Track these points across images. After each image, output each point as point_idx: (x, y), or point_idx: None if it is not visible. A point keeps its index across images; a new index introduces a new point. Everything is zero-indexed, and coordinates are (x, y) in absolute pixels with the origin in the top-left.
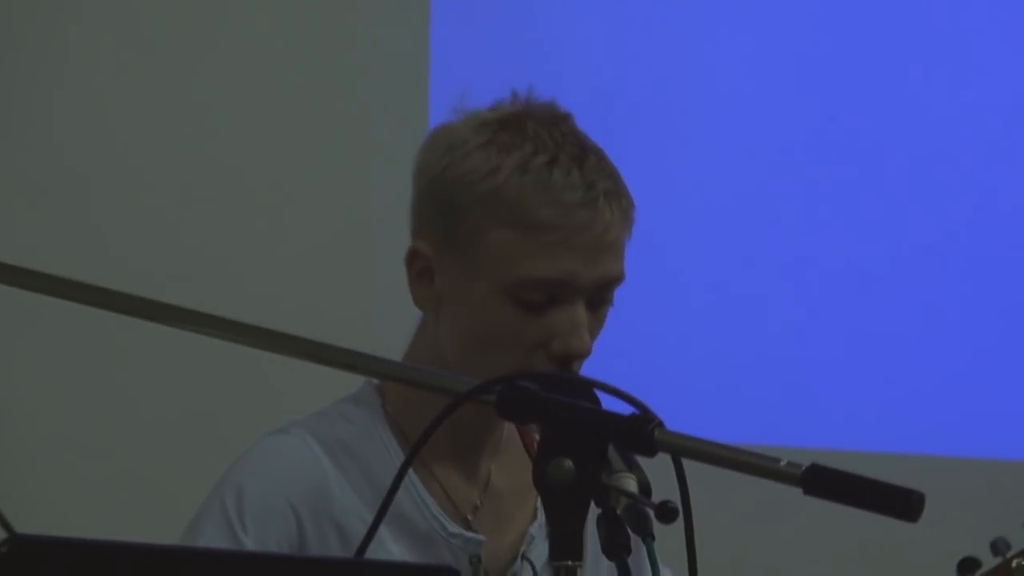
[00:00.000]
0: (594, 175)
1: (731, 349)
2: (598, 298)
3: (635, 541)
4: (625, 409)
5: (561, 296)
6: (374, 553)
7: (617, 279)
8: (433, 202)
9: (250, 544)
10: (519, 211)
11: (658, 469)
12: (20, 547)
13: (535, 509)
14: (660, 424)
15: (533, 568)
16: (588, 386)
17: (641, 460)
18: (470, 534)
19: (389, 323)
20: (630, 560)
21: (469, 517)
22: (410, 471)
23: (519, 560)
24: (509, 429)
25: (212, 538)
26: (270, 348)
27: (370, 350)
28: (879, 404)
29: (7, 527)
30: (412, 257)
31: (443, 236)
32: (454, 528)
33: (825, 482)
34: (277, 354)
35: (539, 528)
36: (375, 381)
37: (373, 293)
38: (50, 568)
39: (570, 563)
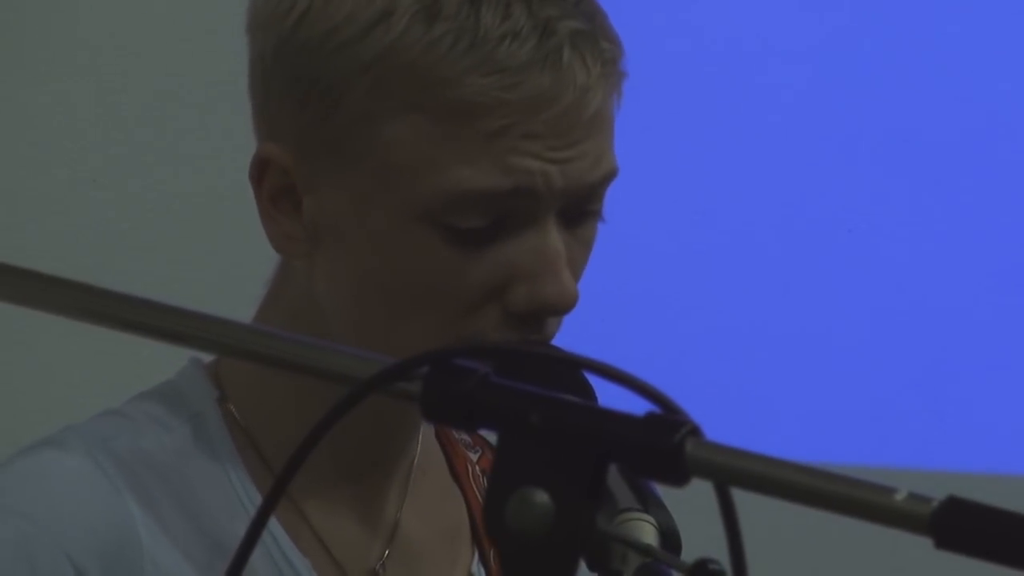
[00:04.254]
0: (552, 8)
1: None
2: (578, 210)
3: None
4: (638, 407)
5: (517, 215)
6: None
7: (607, 177)
8: (287, 78)
9: None
10: (431, 85)
11: (690, 504)
12: None
13: (470, 574)
14: (695, 431)
15: None
16: (576, 366)
17: (664, 491)
18: None
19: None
20: None
21: None
22: (271, 518)
23: None
24: (427, 443)
25: None
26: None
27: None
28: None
29: None
30: (260, 171)
31: (310, 133)
32: None
33: (975, 528)
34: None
35: None
36: (205, 362)
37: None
38: None
39: None
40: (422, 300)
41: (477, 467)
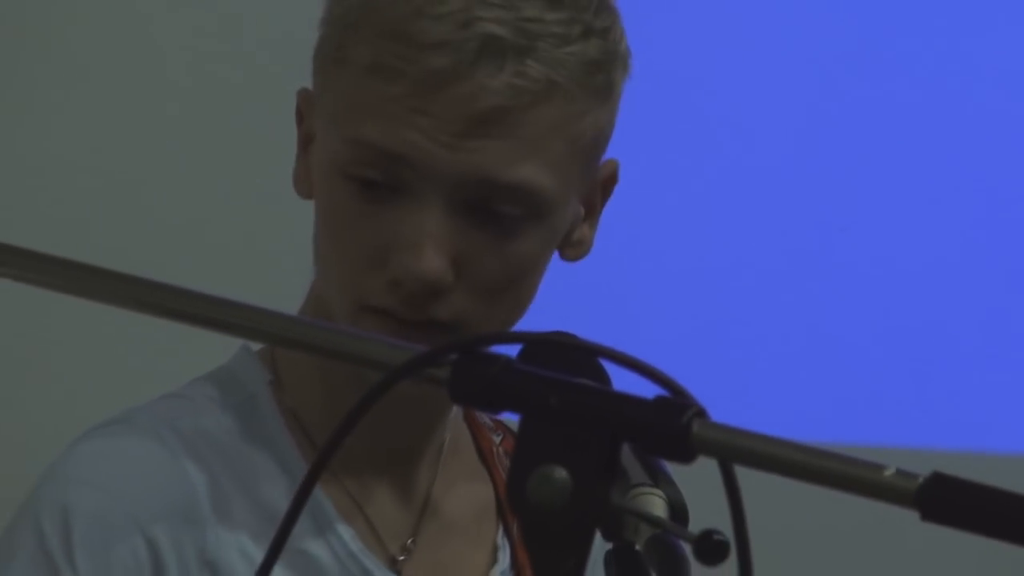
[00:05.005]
0: (488, 10)
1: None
2: (480, 205)
3: None
4: (648, 391)
5: (408, 186)
6: None
7: (508, 182)
8: (321, 16)
9: None
10: (369, 43)
11: (696, 480)
12: None
13: (496, 546)
14: (701, 413)
15: None
16: (592, 354)
17: (673, 468)
18: None
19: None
20: None
21: (400, 557)
22: (316, 489)
23: None
24: (456, 426)
25: None
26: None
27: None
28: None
29: None
30: (298, 116)
31: (313, 77)
32: (380, 574)
33: (958, 502)
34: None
35: (506, 570)
36: (255, 348)
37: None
38: None
39: None
40: (334, 249)
41: (500, 448)
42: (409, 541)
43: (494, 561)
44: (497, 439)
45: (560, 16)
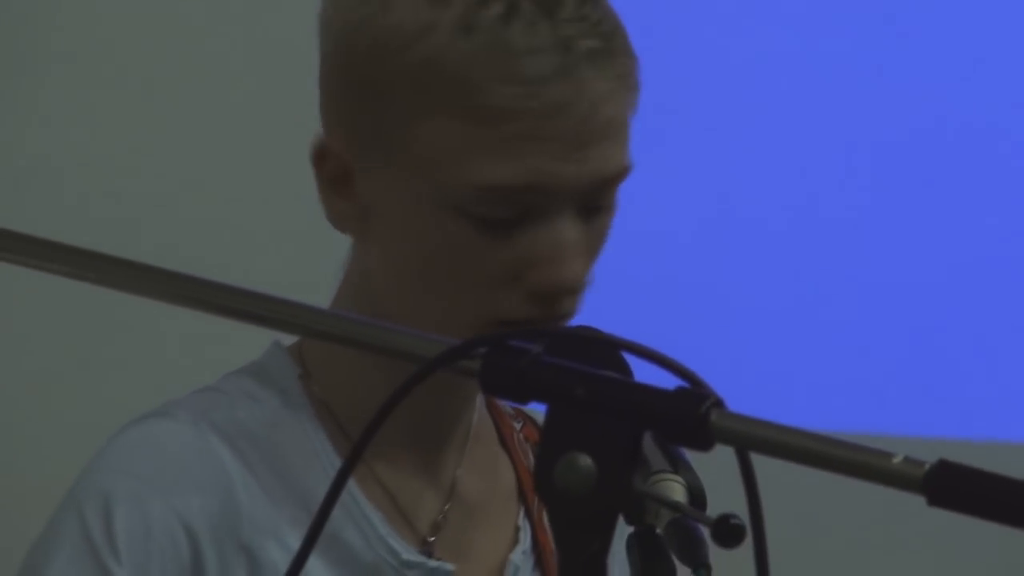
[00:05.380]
0: (572, 28)
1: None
2: (593, 204)
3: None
4: (667, 383)
5: (537, 207)
6: None
7: (617, 174)
8: (344, 78)
9: None
10: (465, 92)
11: (713, 467)
12: None
13: (517, 528)
14: (718, 403)
15: None
16: (614, 348)
17: (692, 456)
18: (433, 563)
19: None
20: None
21: (429, 539)
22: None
23: None
24: (480, 414)
25: (67, 569)
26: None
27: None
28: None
29: None
30: (320, 156)
31: (361, 127)
32: (409, 555)
33: (963, 488)
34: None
35: (525, 555)
36: (286, 343)
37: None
38: None
39: None
40: (453, 278)
41: (520, 435)
42: (439, 518)
43: (516, 541)
44: (518, 426)
45: (603, 10)
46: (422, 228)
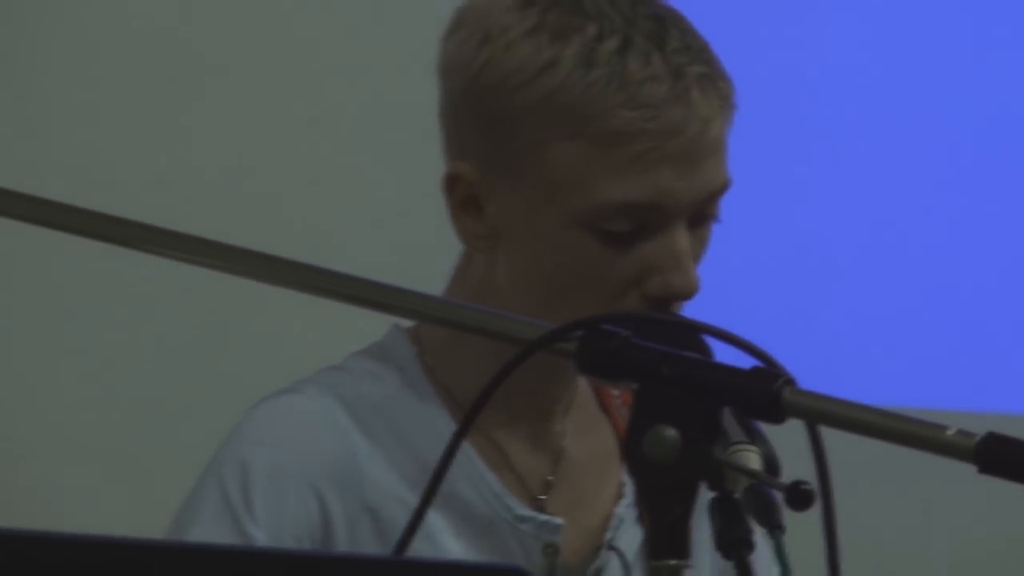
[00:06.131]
0: (680, 57)
1: (870, 297)
2: (699, 215)
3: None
4: (744, 362)
5: (654, 221)
6: (420, 547)
7: (722, 188)
8: (472, 112)
9: (261, 537)
10: (588, 118)
11: (786, 438)
12: None
13: (620, 484)
14: (790, 381)
15: (622, 560)
16: (695, 331)
17: (767, 428)
18: (544, 517)
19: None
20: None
21: (540, 496)
22: (465, 442)
23: (604, 549)
24: (580, 384)
25: (209, 530)
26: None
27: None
28: None
29: None
30: (451, 183)
31: (491, 155)
32: (523, 510)
33: (1009, 457)
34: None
35: (627, 508)
36: (404, 326)
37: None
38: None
39: (675, 562)
40: (579, 287)
41: (619, 400)
42: (550, 478)
43: (620, 496)
44: (617, 392)
45: (702, 40)
46: (550, 244)
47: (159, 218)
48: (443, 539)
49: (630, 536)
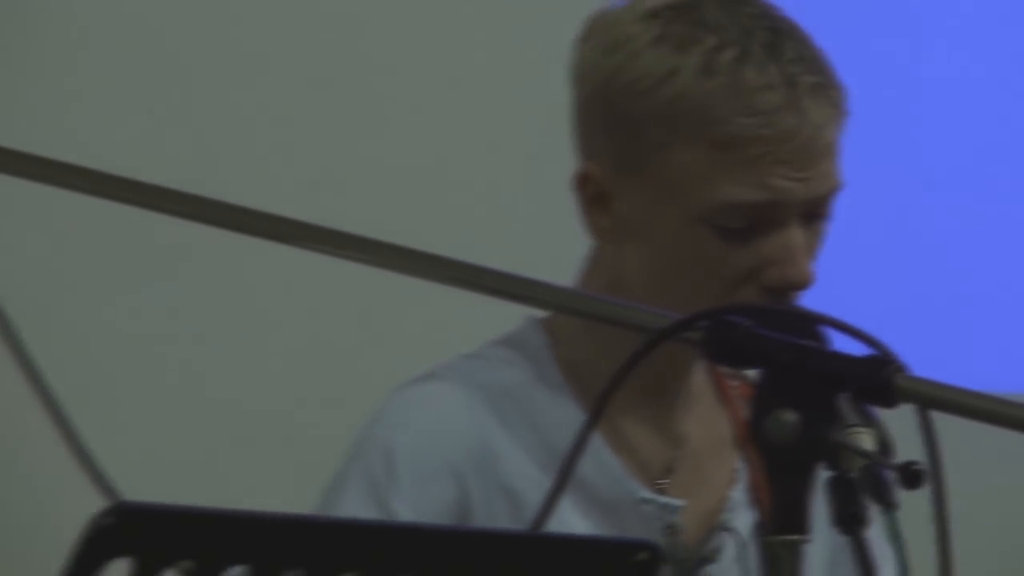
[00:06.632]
0: (795, 67)
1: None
2: (813, 213)
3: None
4: (858, 350)
5: (769, 219)
6: (550, 526)
7: (834, 189)
8: (601, 115)
9: (405, 514)
10: (708, 123)
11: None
12: (127, 516)
13: (734, 470)
14: (901, 368)
15: (737, 540)
16: (812, 321)
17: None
18: (665, 499)
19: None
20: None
21: (661, 480)
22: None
23: (720, 530)
24: (701, 374)
25: (356, 509)
26: (409, 271)
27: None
28: None
29: (111, 492)
30: (582, 181)
31: (618, 156)
32: (645, 493)
33: None
34: (418, 278)
35: (741, 492)
36: (538, 317)
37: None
38: (161, 540)
39: (797, 537)
40: (699, 280)
41: (736, 391)
42: (668, 466)
43: (735, 480)
44: (735, 384)
45: (816, 50)
46: (672, 240)
47: (313, 216)
48: (571, 518)
49: (744, 518)
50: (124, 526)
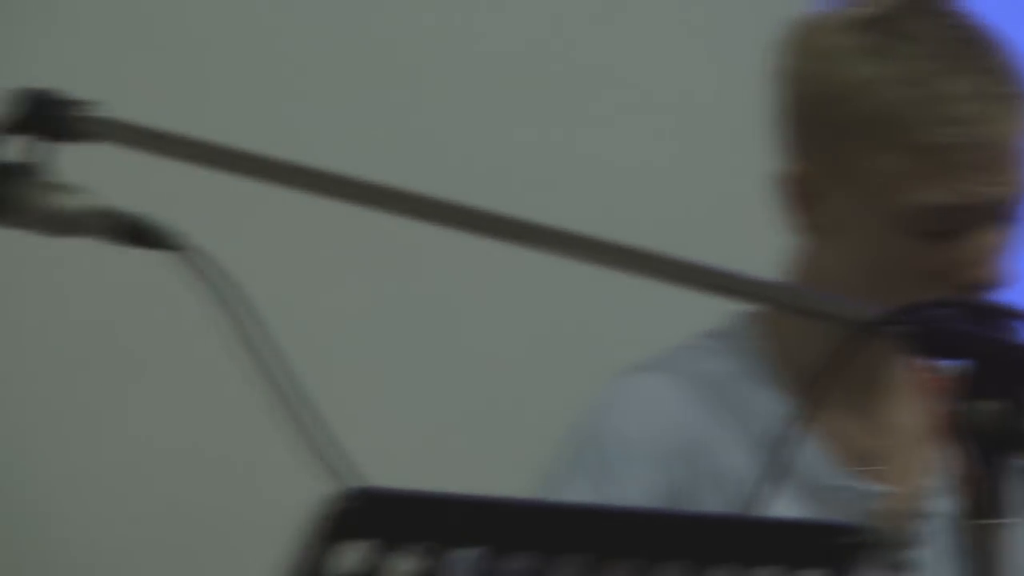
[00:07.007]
0: (989, 77)
1: None
2: (1004, 216)
3: None
4: None
5: (963, 222)
6: (756, 511)
7: (1020, 193)
8: (804, 119)
9: (617, 499)
10: (905, 130)
11: None
12: (369, 500)
13: (932, 459)
14: None
15: (935, 526)
16: (1011, 316)
17: None
18: (866, 486)
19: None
20: None
21: (862, 467)
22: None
23: (918, 517)
24: (901, 368)
25: (572, 493)
26: (617, 266)
27: None
28: None
29: (347, 477)
30: (785, 181)
31: (820, 158)
32: (847, 480)
33: None
34: (626, 272)
35: (940, 480)
36: (748, 311)
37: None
38: (398, 524)
39: (999, 521)
40: (894, 278)
41: (934, 384)
42: (872, 449)
43: (933, 469)
44: (932, 376)
45: (1009, 61)
46: (871, 239)
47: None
48: (777, 504)
49: (942, 505)
50: (362, 511)
